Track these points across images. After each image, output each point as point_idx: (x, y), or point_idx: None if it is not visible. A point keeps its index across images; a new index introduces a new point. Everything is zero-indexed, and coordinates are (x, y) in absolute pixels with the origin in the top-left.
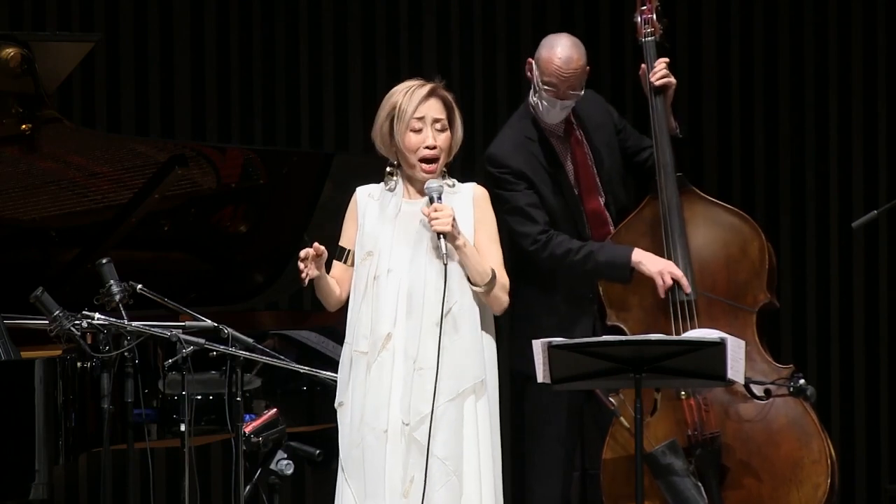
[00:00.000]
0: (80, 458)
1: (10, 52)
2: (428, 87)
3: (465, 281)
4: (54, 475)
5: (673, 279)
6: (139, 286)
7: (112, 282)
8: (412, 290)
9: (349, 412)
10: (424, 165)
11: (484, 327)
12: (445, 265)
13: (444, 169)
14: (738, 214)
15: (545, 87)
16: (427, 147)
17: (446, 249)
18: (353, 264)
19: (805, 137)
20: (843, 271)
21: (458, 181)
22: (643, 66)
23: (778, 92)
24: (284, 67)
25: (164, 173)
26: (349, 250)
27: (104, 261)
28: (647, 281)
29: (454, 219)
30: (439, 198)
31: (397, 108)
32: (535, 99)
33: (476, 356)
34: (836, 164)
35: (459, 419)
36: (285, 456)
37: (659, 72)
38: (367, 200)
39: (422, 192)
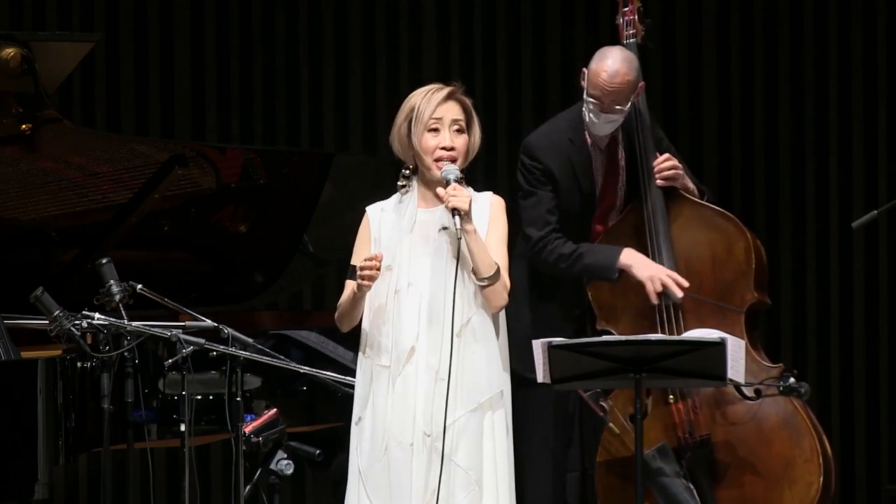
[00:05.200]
0: (80, 458)
1: (10, 52)
2: (447, 90)
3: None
4: (54, 475)
5: (663, 285)
6: (139, 286)
7: (112, 282)
8: (433, 300)
9: (369, 426)
10: (441, 165)
11: (499, 338)
12: (459, 239)
13: (462, 174)
14: (724, 215)
15: (590, 98)
16: (444, 148)
17: (460, 225)
18: None
19: (805, 137)
20: (843, 271)
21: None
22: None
23: (778, 92)
24: (284, 67)
25: (164, 173)
26: None
27: (104, 261)
28: (636, 285)
29: (470, 203)
30: (457, 181)
31: (415, 110)
32: (584, 109)
33: (495, 367)
34: (836, 164)
35: (480, 430)
36: (285, 456)
37: (660, 170)
38: (380, 216)
39: (439, 198)
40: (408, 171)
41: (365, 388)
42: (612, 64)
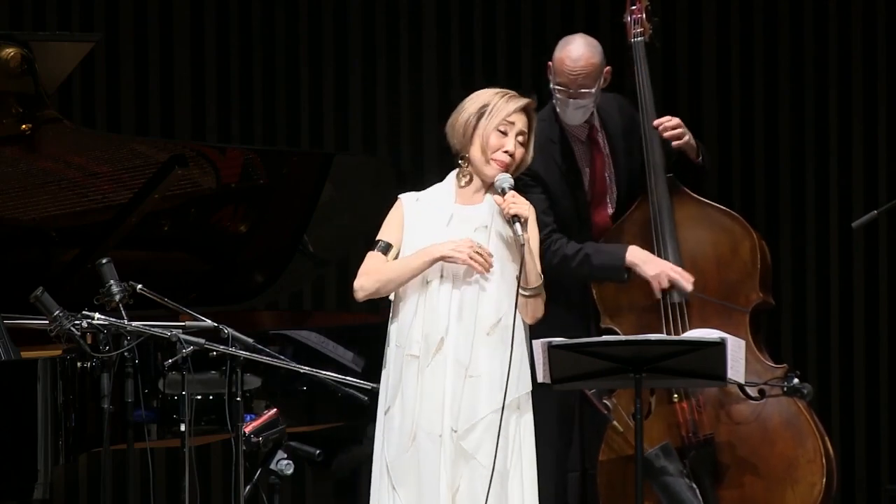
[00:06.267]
0: (80, 458)
1: (10, 52)
2: (525, 100)
3: (514, 295)
4: (54, 475)
5: (670, 281)
6: (139, 286)
7: (112, 282)
8: (465, 297)
9: (398, 417)
10: (496, 164)
11: (526, 341)
12: (523, 245)
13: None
14: (730, 214)
15: (558, 87)
16: (506, 151)
17: (522, 231)
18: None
19: (805, 137)
20: (843, 271)
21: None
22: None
23: (778, 92)
24: (284, 67)
25: (164, 173)
26: (391, 245)
27: (104, 261)
28: (641, 283)
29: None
30: (511, 188)
31: (491, 106)
32: (554, 102)
33: (523, 368)
34: (836, 164)
35: (506, 429)
36: (285, 456)
37: (665, 129)
38: (416, 206)
39: (477, 198)
40: (464, 161)
41: (395, 378)
42: (574, 49)
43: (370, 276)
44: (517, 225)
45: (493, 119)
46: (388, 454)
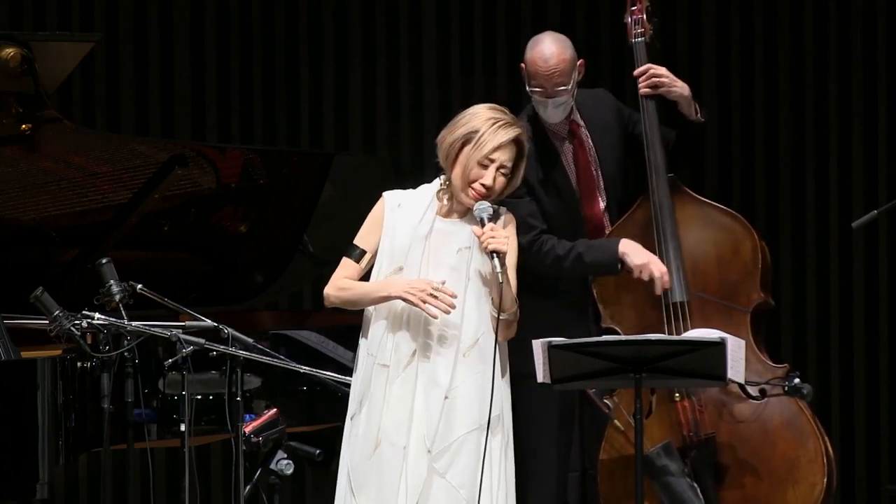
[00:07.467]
0: (80, 458)
1: (10, 52)
2: (514, 132)
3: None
4: (55, 475)
5: (650, 277)
6: (139, 286)
7: (112, 282)
8: (447, 318)
9: (363, 424)
10: (473, 194)
11: (503, 362)
12: (501, 283)
13: (493, 209)
14: (731, 214)
15: (535, 89)
16: (483, 184)
17: (502, 268)
18: (366, 267)
19: (805, 137)
20: (843, 271)
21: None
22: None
23: (778, 92)
24: (284, 67)
25: (164, 173)
26: (365, 252)
27: (104, 261)
28: (642, 282)
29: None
30: (489, 219)
31: (477, 136)
32: (533, 104)
33: (498, 389)
34: (836, 164)
35: (478, 449)
36: (285, 456)
37: (645, 79)
38: (398, 211)
39: (459, 213)
40: (445, 180)
41: (363, 386)
42: (545, 48)
43: (337, 290)
44: (495, 260)
45: (476, 151)
46: (349, 460)
